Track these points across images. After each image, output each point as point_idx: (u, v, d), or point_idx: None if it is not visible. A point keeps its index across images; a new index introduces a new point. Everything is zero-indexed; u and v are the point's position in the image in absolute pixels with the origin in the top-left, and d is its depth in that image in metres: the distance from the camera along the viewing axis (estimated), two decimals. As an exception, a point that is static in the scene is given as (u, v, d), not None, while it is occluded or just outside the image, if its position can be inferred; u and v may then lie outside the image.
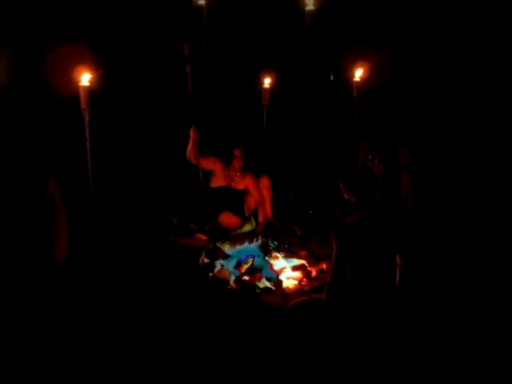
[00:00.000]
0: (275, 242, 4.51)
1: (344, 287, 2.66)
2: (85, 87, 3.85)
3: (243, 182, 4.89)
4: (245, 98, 5.46)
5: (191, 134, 4.68)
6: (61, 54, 4.41)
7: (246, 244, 4.32)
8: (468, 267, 3.65)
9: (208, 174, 4.92)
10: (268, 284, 3.78)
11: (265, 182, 4.98)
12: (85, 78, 3.83)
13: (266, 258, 4.16)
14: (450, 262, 3.61)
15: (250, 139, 5.10)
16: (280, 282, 3.84)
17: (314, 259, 4.16)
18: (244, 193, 4.91)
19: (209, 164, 4.86)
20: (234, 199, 4.86)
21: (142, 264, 3.99)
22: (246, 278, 3.86)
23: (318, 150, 5.88)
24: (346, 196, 2.87)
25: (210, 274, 3.91)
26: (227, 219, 4.75)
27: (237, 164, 4.84)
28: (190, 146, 4.72)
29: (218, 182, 4.88)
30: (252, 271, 3.91)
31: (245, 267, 3.98)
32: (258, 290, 3.72)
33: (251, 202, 4.92)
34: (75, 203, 4.79)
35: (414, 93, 5.63)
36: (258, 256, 4.12)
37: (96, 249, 4.11)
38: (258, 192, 4.91)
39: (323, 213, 4.73)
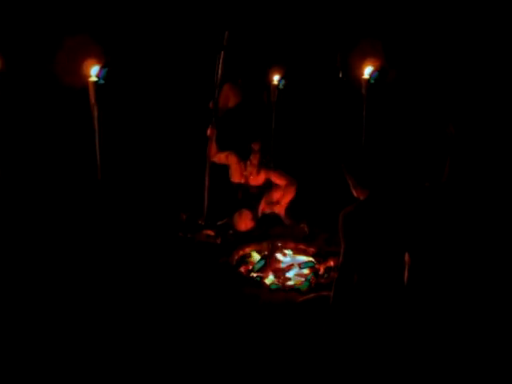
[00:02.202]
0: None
1: (352, 285, 2.65)
2: (94, 82, 3.85)
3: (259, 178, 4.76)
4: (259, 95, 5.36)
5: (209, 132, 4.57)
6: (70, 49, 4.42)
7: None
8: (478, 266, 3.61)
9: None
10: (275, 281, 3.78)
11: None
12: (94, 73, 3.83)
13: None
14: (459, 260, 3.58)
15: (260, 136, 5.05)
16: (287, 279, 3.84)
17: (321, 256, 4.15)
18: (260, 194, 4.83)
19: (222, 158, 4.74)
20: (248, 197, 4.79)
21: (148, 258, 4.00)
22: (254, 274, 3.86)
23: (326, 147, 5.86)
24: (354, 193, 2.80)
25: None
26: (242, 225, 4.64)
27: (254, 159, 4.70)
28: (210, 146, 4.62)
29: (235, 176, 4.78)
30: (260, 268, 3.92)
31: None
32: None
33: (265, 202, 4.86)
34: (84, 199, 4.85)
35: (423, 91, 5.60)
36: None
37: (103, 243, 4.13)
38: (280, 179, 4.73)
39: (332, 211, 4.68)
